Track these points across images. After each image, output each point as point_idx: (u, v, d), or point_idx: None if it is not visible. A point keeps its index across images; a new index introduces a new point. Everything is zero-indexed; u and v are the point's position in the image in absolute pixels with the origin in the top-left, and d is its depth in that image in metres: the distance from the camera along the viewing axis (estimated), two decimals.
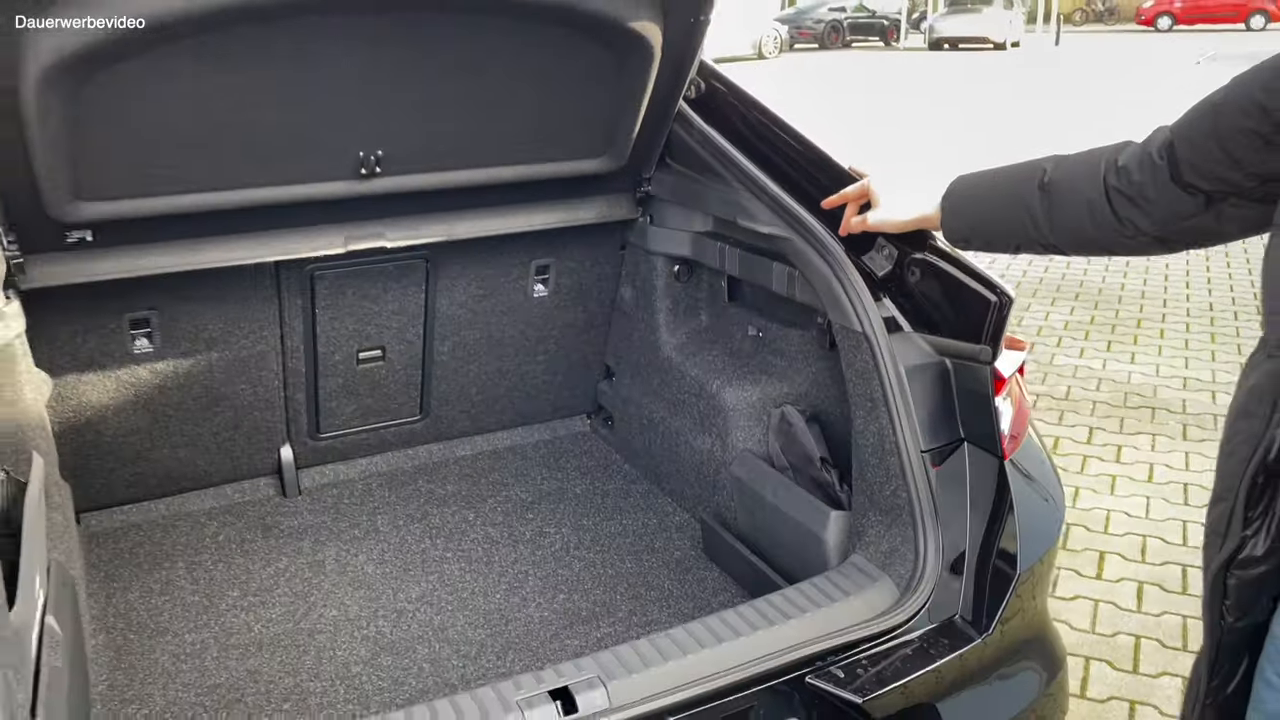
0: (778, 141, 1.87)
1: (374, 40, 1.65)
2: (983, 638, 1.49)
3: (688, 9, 1.82)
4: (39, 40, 1.39)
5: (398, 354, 2.29)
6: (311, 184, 1.85)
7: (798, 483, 1.90)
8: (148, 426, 2.11)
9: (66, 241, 1.74)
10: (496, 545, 2.16)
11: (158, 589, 2.01)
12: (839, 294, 1.66)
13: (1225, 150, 1.15)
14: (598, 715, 1.29)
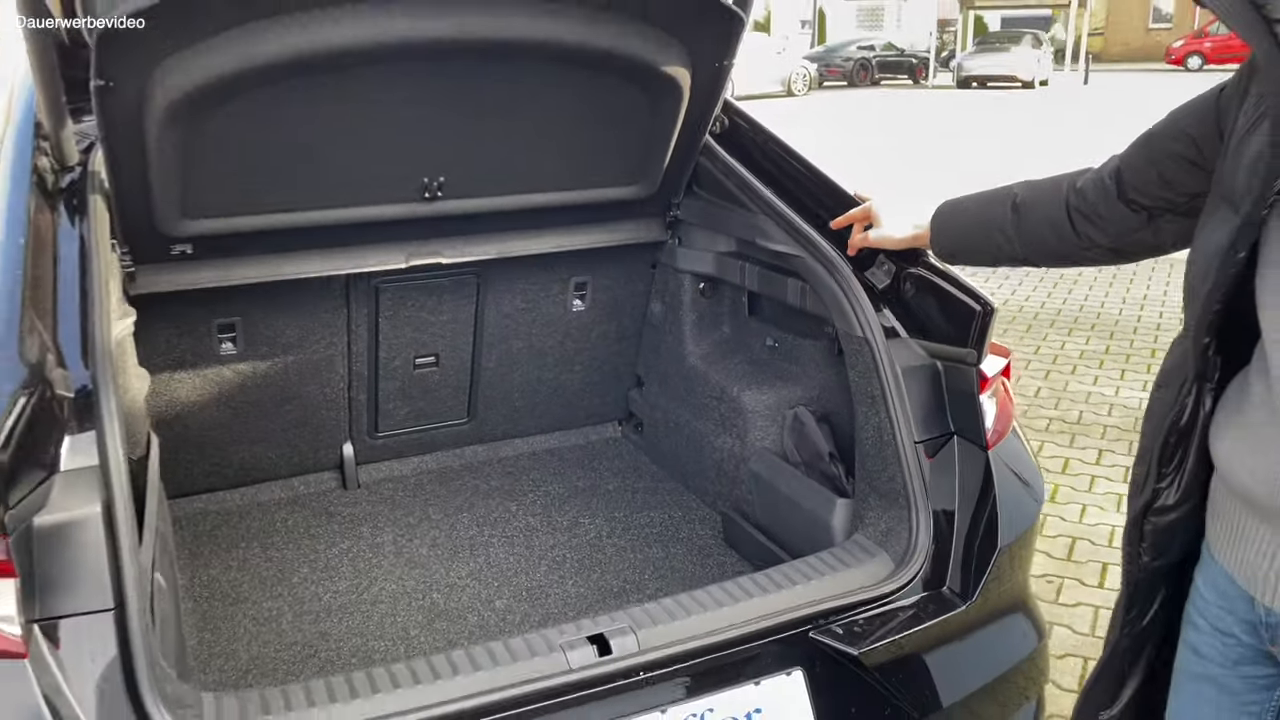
0: (791, 171, 2.11)
1: (437, 82, 1.91)
2: (967, 605, 1.70)
3: (713, 55, 2.07)
4: (166, 84, 1.66)
5: (450, 361, 2.53)
6: (380, 206, 2.11)
7: (809, 476, 2.12)
8: (228, 421, 2.36)
9: (170, 254, 2.00)
10: (536, 532, 2.38)
11: (235, 565, 2.25)
12: (844, 304, 1.89)
13: (1160, 173, 1.37)
14: (629, 656, 1.50)
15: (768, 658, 1.59)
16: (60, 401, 1.38)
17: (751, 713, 1.56)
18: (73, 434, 1.37)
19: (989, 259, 1.69)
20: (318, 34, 1.71)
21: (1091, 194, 1.48)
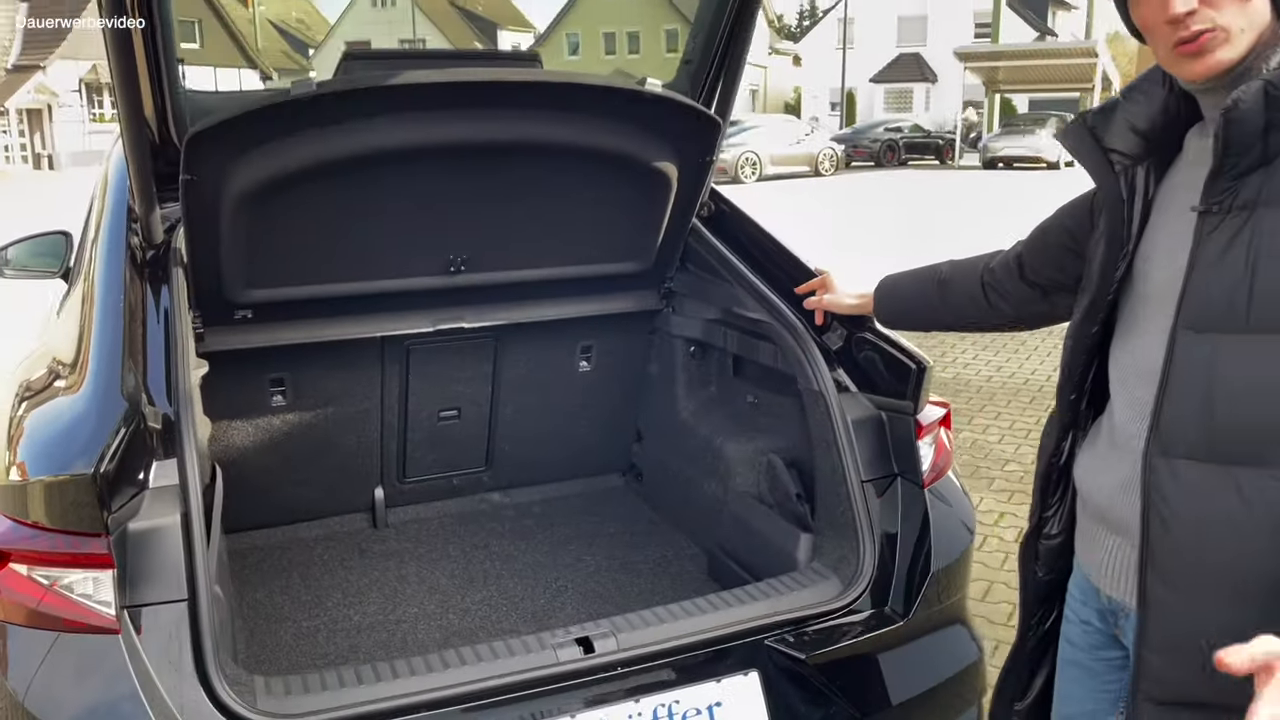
0: (764, 248, 2.45)
1: (460, 175, 2.27)
2: (903, 621, 1.97)
3: (698, 153, 2.42)
4: (238, 179, 2.03)
5: (470, 414, 2.86)
6: (411, 278, 2.46)
7: (780, 515, 2.40)
8: (276, 466, 2.69)
9: (234, 318, 2.36)
10: (542, 567, 2.68)
11: (279, 590, 2.56)
12: (804, 363, 2.20)
13: (1051, 259, 1.68)
14: (609, 654, 1.79)
15: (728, 660, 1.87)
16: (150, 432, 1.71)
17: (713, 705, 1.84)
18: (159, 459, 1.70)
19: (922, 326, 1.99)
20: (362, 138, 2.08)
21: (1000, 273, 1.78)
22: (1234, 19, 1.21)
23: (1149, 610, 1.30)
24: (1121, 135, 1.39)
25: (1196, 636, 1.25)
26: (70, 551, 1.58)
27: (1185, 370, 1.26)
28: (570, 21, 50.04)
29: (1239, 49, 1.22)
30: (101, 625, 1.56)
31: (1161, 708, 1.30)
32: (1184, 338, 1.26)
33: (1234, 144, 1.20)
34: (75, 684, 1.55)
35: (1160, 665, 1.29)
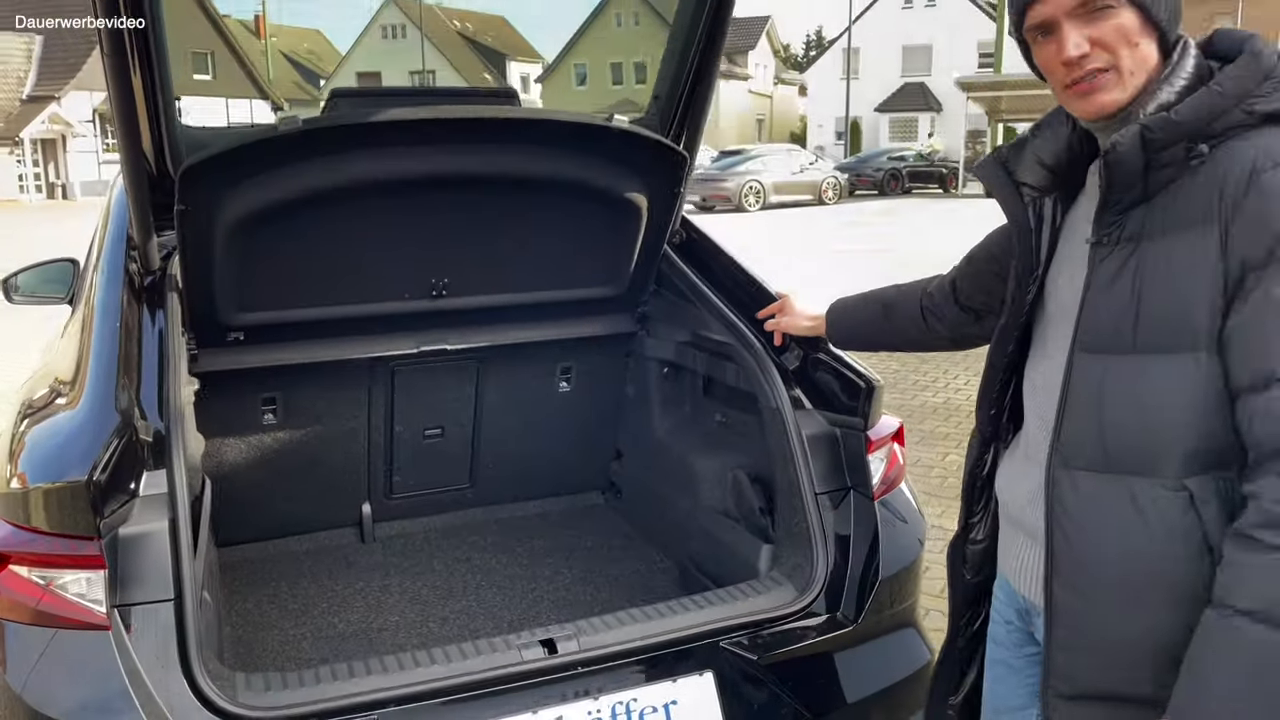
0: (730, 273, 2.58)
1: (442, 204, 2.41)
2: (853, 626, 2.08)
3: (667, 185, 2.56)
4: (230, 209, 2.17)
5: (454, 433, 2.98)
6: (396, 302, 2.59)
7: (745, 528, 2.52)
8: (266, 481, 2.81)
9: (226, 340, 2.49)
10: (520, 579, 2.79)
11: (266, 599, 2.68)
12: (762, 382, 2.32)
13: (980, 284, 1.80)
14: (570, 654, 1.90)
15: (684, 660, 1.98)
16: (142, 444, 1.84)
17: (669, 704, 1.94)
18: (149, 469, 1.83)
19: (869, 346, 2.11)
20: (347, 171, 2.22)
21: (937, 298, 1.90)
22: (1124, 61, 1.31)
23: (1054, 611, 1.40)
24: (1030, 169, 1.49)
25: (1098, 636, 1.36)
26: (65, 553, 1.70)
27: (1081, 388, 1.37)
28: (578, 53, 50.59)
29: (1129, 90, 1.33)
30: (93, 622, 1.68)
31: (1070, 702, 1.40)
32: (1080, 359, 1.37)
33: (1116, 183, 1.31)
34: (69, 678, 1.67)
35: (1066, 663, 1.39)
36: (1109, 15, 1.30)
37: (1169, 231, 1.28)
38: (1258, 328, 1.21)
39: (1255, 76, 1.27)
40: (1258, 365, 1.21)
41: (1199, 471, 1.28)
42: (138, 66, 1.99)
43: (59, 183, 39.38)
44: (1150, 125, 1.27)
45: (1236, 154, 1.24)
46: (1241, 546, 1.21)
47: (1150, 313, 1.29)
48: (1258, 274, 1.21)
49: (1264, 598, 1.18)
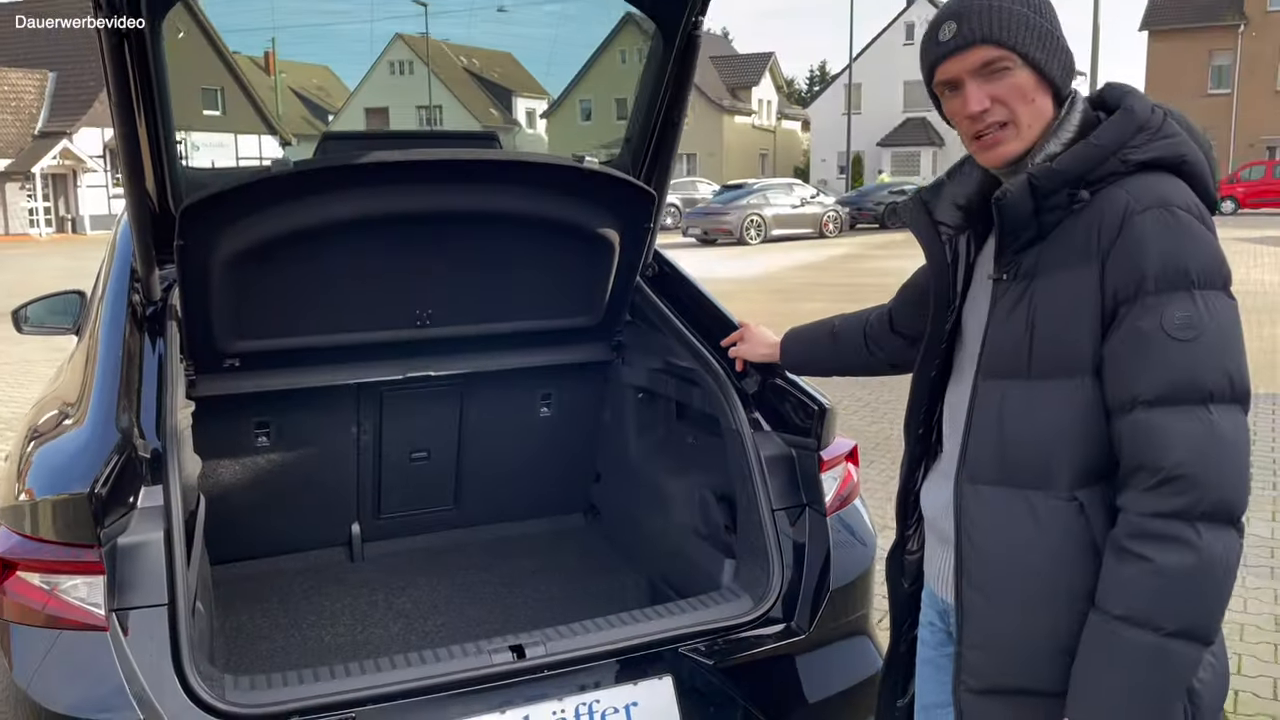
0: (698, 304, 2.74)
1: (426, 239, 2.57)
2: (805, 634, 2.22)
3: (638, 221, 2.72)
4: (227, 244, 2.33)
5: (439, 456, 3.13)
6: (382, 331, 2.75)
7: (711, 545, 2.66)
8: (260, 502, 2.96)
9: (223, 367, 2.65)
10: (501, 596, 2.93)
11: (259, 614, 2.82)
12: (724, 405, 2.47)
13: (912, 313, 1.94)
14: (537, 659, 2.04)
15: (645, 665, 2.11)
16: (140, 461, 1.99)
17: (629, 705, 2.08)
18: (147, 485, 1.98)
19: (819, 371, 2.26)
20: (337, 208, 2.39)
21: (877, 326, 2.05)
22: (1021, 116, 1.47)
23: (964, 612, 1.53)
24: (947, 209, 1.64)
25: (1003, 634, 1.49)
26: (68, 560, 1.85)
27: (984, 410, 1.51)
28: (583, 88, 51.09)
29: (1027, 141, 1.48)
30: (93, 624, 1.82)
31: (978, 696, 1.53)
32: (983, 383, 1.52)
33: (1008, 227, 1.46)
34: (71, 676, 1.81)
35: (974, 660, 1.52)
36: (1007, 75, 1.45)
37: (1057, 268, 1.43)
38: (1124, 355, 1.36)
39: (1129, 129, 1.42)
40: (1123, 389, 1.35)
41: (1087, 483, 1.42)
42: (142, 113, 2.17)
43: (69, 217, 39.82)
44: (1035, 174, 1.42)
45: (1112, 198, 1.39)
46: (1116, 557, 1.35)
47: (1042, 341, 1.44)
48: (1127, 306, 1.36)
49: (1135, 604, 1.32)
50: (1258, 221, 31.04)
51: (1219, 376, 1.33)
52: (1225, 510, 1.32)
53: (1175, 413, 1.32)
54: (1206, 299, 1.34)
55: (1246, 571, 4.43)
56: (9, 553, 1.89)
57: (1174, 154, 1.41)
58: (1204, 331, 1.33)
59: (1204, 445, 1.31)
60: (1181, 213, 1.37)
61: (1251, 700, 3.34)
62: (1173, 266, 1.34)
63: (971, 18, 1.45)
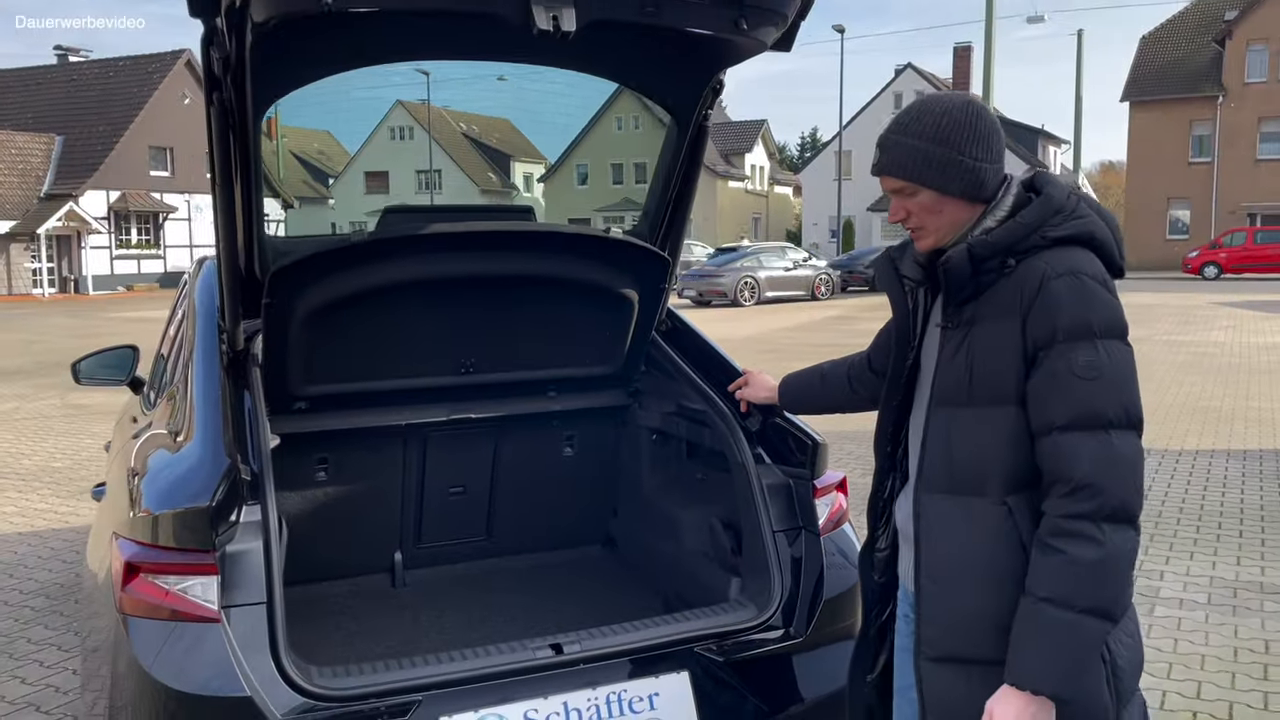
0: (706, 354, 3.14)
1: (470, 298, 2.97)
2: (803, 637, 2.57)
3: (654, 282, 3.13)
4: (305, 302, 2.73)
5: (474, 491, 3.50)
6: (430, 377, 3.14)
7: (719, 566, 3.02)
8: (316, 531, 3.31)
9: (293, 408, 3.03)
10: (531, 613, 3.27)
11: (313, 630, 3.15)
12: (730, 442, 2.85)
13: (884, 353, 2.28)
14: (573, 655, 2.40)
15: (665, 661, 2.47)
16: (243, 483, 2.35)
17: (653, 695, 2.43)
18: (248, 503, 2.34)
19: (813, 410, 2.63)
20: (397, 271, 2.80)
21: (858, 368, 2.44)
22: (929, 224, 1.85)
23: (921, 596, 1.89)
24: (910, 266, 2.00)
25: (952, 614, 1.84)
26: (189, 564, 2.21)
27: (935, 433, 1.88)
28: (579, 154, 52.20)
29: (939, 239, 1.86)
30: (209, 616, 2.18)
31: (934, 664, 1.87)
32: (934, 411, 1.89)
33: (951, 285, 1.83)
34: (189, 658, 2.16)
35: (930, 634, 1.87)
36: (914, 195, 1.84)
37: (990, 319, 1.80)
38: (1042, 390, 1.73)
39: (1048, 211, 1.80)
40: (1042, 417, 1.73)
41: (1014, 491, 1.78)
42: (240, 191, 2.57)
43: (72, 277, 40.29)
44: (973, 245, 1.80)
45: (1034, 266, 1.77)
46: (1040, 550, 1.71)
47: (979, 377, 1.80)
48: (1044, 352, 1.73)
49: (1055, 588, 1.67)
50: (1238, 286, 31.75)
51: (1117, 408, 1.70)
52: (1125, 513, 1.68)
53: (1083, 436, 1.68)
54: (1107, 347, 1.71)
55: (1210, 609, 4.79)
56: (133, 558, 2.25)
57: (1084, 231, 1.80)
58: (1104, 372, 1.69)
59: (1106, 461, 1.67)
60: (1088, 279, 1.74)
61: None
62: (1079, 321, 1.71)
63: (886, 152, 1.85)
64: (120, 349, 4.37)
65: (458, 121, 59.52)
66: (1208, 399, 10.79)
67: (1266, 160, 44.89)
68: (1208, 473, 7.50)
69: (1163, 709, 3.78)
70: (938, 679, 1.87)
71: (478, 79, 3.02)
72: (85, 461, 8.66)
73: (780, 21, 2.37)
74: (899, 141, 1.84)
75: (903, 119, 1.86)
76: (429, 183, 57.43)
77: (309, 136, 54.58)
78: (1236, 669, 4.11)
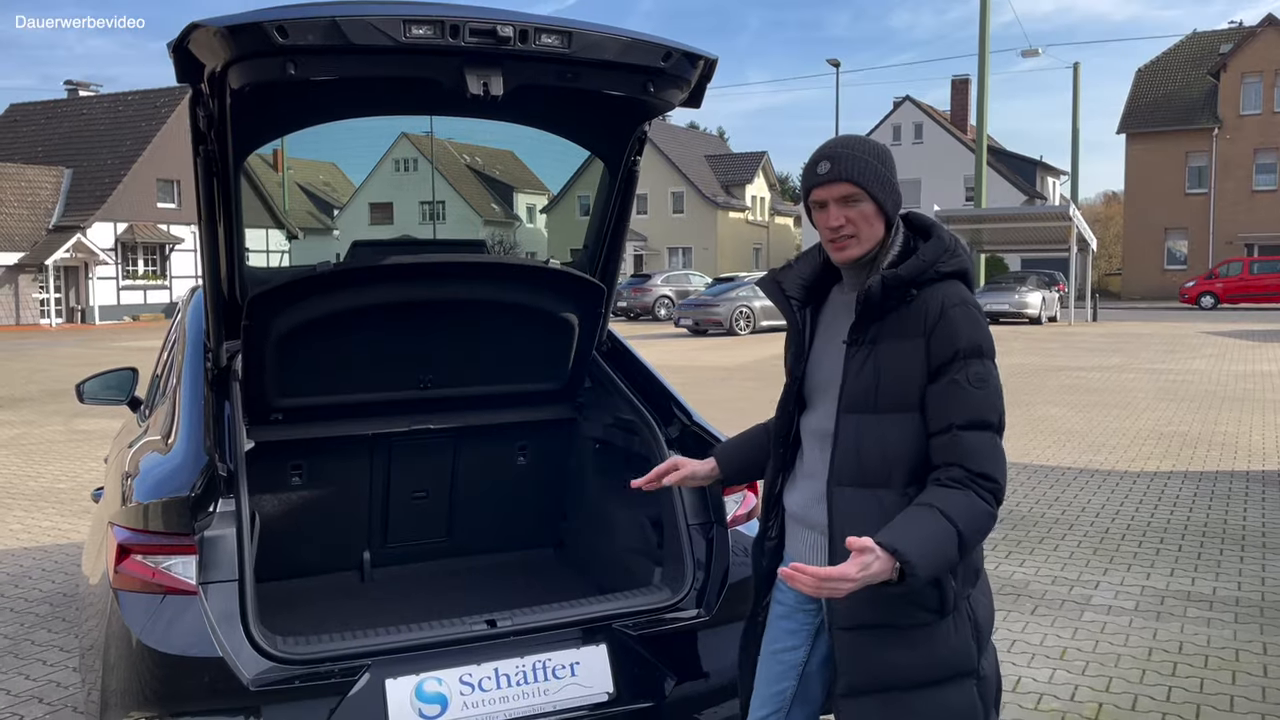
0: (640, 372, 3.53)
1: (427, 321, 3.36)
2: (710, 616, 2.94)
3: (593, 308, 3.52)
4: (280, 323, 3.13)
5: (435, 495, 3.87)
6: (393, 391, 3.53)
7: (646, 559, 3.38)
8: (290, 530, 3.69)
9: (269, 419, 3.42)
10: (484, 605, 3.61)
11: (285, 617, 3.51)
12: (654, 449, 3.22)
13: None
14: (506, 629, 2.76)
15: (586, 635, 2.82)
16: (219, 479, 2.73)
17: (574, 664, 2.79)
18: (223, 496, 2.71)
19: (758, 473, 2.51)
20: (364, 296, 3.19)
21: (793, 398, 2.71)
22: (863, 232, 2.15)
23: None
24: (794, 286, 2.32)
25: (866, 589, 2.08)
26: (173, 545, 2.58)
27: (845, 435, 2.17)
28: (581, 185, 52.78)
29: (865, 248, 2.17)
30: (188, 590, 2.55)
31: (845, 632, 2.16)
32: (844, 417, 2.18)
33: (868, 310, 2.13)
34: (171, 626, 2.52)
35: (842, 606, 2.13)
36: (858, 204, 2.14)
37: (894, 339, 2.12)
38: (945, 397, 2.06)
39: (939, 250, 2.14)
40: (942, 419, 2.06)
41: (915, 483, 2.09)
42: (222, 229, 2.96)
43: (79, 308, 40.86)
44: (886, 278, 2.10)
45: (933, 295, 2.06)
46: (946, 487, 1.98)
47: (885, 388, 2.06)
48: (944, 367, 2.07)
49: (954, 510, 1.94)
50: (1232, 316, 32.09)
51: (996, 413, 2.03)
52: (1001, 491, 2.05)
53: (977, 434, 2.01)
54: (989, 364, 2.06)
55: (1136, 614, 5.13)
56: (125, 541, 2.63)
57: (963, 268, 2.16)
58: (989, 383, 2.04)
59: (994, 455, 2.01)
60: (973, 309, 2.07)
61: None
62: (974, 343, 2.03)
63: (840, 162, 2.09)
64: (120, 371, 4.76)
65: (461, 153, 60.01)
66: (1175, 424, 11.13)
67: (1262, 191, 45.39)
68: (1161, 493, 7.84)
69: (1073, 700, 4.11)
70: (850, 644, 2.13)
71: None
72: (88, 484, 9.03)
73: (684, 85, 2.77)
74: (851, 155, 2.10)
75: (846, 139, 2.15)
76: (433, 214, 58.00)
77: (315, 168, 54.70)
78: (1148, 667, 4.43)
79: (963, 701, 2.14)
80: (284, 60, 2.38)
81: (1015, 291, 29.08)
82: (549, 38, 2.52)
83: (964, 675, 2.13)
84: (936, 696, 2.10)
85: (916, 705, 2.09)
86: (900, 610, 2.08)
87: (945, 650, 2.10)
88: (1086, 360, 18.37)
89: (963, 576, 2.13)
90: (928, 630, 2.10)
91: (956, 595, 2.12)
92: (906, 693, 2.10)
